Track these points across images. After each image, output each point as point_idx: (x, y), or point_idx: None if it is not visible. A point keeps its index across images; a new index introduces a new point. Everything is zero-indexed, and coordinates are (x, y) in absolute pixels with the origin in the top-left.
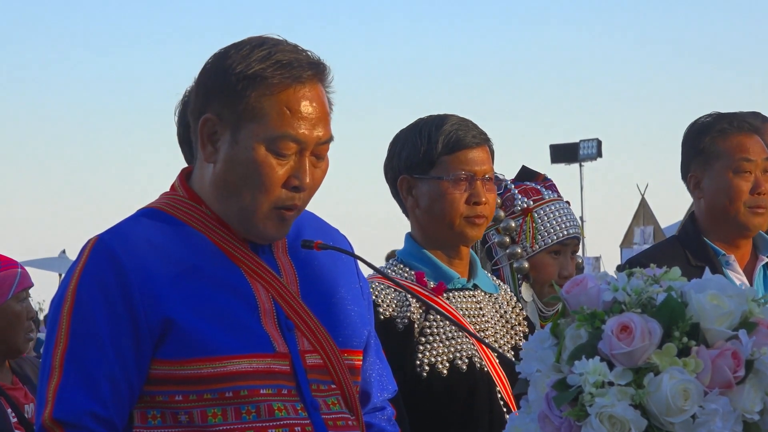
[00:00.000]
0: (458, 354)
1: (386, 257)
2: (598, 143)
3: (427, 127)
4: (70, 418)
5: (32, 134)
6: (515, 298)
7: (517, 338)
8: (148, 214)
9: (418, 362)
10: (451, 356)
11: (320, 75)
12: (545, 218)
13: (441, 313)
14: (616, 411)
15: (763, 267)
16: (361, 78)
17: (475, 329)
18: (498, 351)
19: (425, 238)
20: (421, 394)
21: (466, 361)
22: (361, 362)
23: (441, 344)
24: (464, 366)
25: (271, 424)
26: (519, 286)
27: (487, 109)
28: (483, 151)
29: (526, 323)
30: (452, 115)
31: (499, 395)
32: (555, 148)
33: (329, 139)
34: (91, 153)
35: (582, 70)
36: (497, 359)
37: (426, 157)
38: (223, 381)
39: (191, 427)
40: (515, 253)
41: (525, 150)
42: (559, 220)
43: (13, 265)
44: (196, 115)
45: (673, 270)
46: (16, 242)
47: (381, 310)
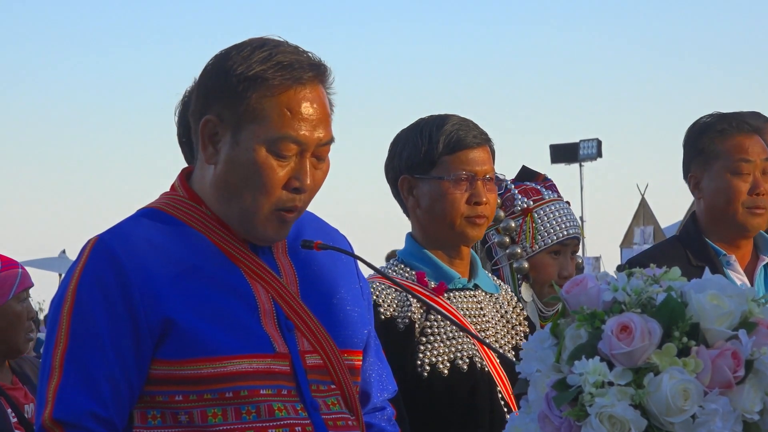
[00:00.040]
0: (459, 354)
1: (386, 257)
2: (598, 143)
3: (428, 127)
4: (70, 418)
5: (32, 134)
6: (516, 298)
7: (518, 338)
8: (148, 214)
9: (419, 362)
10: (451, 356)
11: (321, 76)
12: (545, 218)
13: (442, 314)
14: (616, 411)
15: (764, 267)
16: (361, 78)
17: (476, 329)
18: (498, 351)
19: (426, 238)
20: (421, 394)
21: (467, 361)
22: (360, 362)
23: (442, 344)
24: (465, 366)
25: (271, 424)
26: (519, 286)
27: (487, 109)
28: (484, 151)
29: (526, 323)
30: (453, 115)
31: (499, 395)
32: (555, 148)
33: (330, 141)
34: (91, 153)
35: (582, 70)
36: (498, 359)
37: (427, 157)
38: (223, 381)
39: (191, 427)
40: (515, 253)
41: (525, 150)
42: (559, 220)
43: (13, 266)
44: (197, 117)
45: (673, 270)
46: (16, 242)
47: (382, 310)
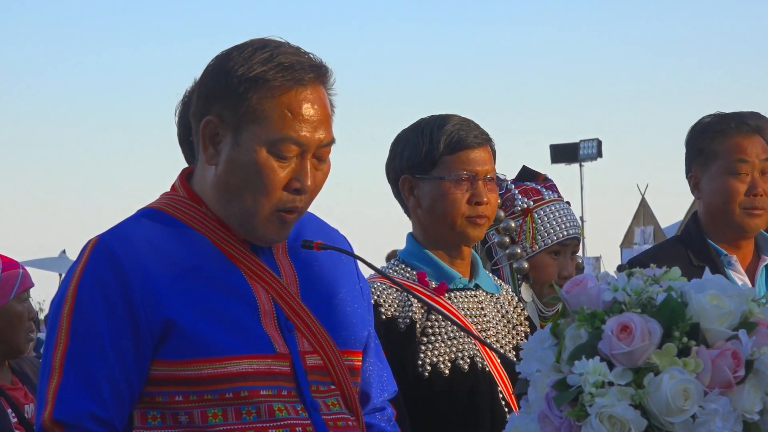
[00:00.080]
0: (460, 354)
1: (387, 257)
2: (598, 143)
3: (428, 127)
4: (69, 418)
5: (32, 134)
6: (517, 298)
7: (519, 338)
8: (148, 214)
9: (420, 362)
10: (452, 356)
11: (322, 77)
12: (545, 218)
13: (443, 314)
14: (616, 411)
15: (765, 267)
16: (362, 79)
17: (477, 329)
18: (499, 351)
19: (427, 238)
20: (422, 394)
21: (468, 361)
22: (360, 363)
23: (443, 344)
24: (466, 366)
25: (271, 424)
26: (519, 286)
27: (488, 109)
28: (485, 151)
29: (527, 323)
30: (454, 115)
31: (500, 395)
32: (555, 148)
33: (331, 142)
34: (91, 153)
35: (582, 70)
36: (498, 359)
37: (428, 157)
38: (224, 382)
39: (191, 428)
40: (515, 254)
41: (525, 150)
42: (559, 220)
43: (14, 266)
44: (198, 117)
45: (673, 270)
46: (16, 242)
47: (383, 310)
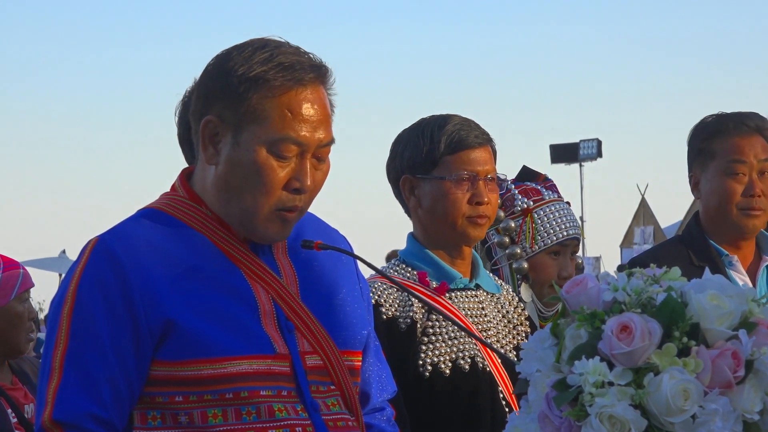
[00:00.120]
0: (461, 354)
1: (387, 257)
2: (598, 143)
3: (429, 127)
4: (69, 419)
5: (32, 134)
6: (517, 298)
7: (519, 338)
8: (148, 214)
9: (421, 362)
10: (453, 356)
11: (322, 77)
12: (545, 219)
13: (443, 314)
14: (616, 411)
15: (766, 267)
16: (362, 79)
17: (478, 329)
18: (499, 351)
19: (427, 238)
20: (423, 394)
21: (469, 360)
22: (360, 363)
23: (443, 344)
24: (467, 366)
25: (271, 425)
26: (518, 286)
27: (488, 109)
28: (485, 151)
29: (528, 323)
30: (455, 115)
31: (501, 395)
32: (555, 148)
33: (330, 142)
34: (91, 153)
35: (582, 70)
36: (499, 359)
37: (428, 157)
38: (224, 382)
39: (191, 428)
40: (515, 254)
41: (525, 150)
42: (558, 220)
43: (15, 266)
44: (198, 117)
45: (673, 270)
46: (16, 242)
47: (384, 310)
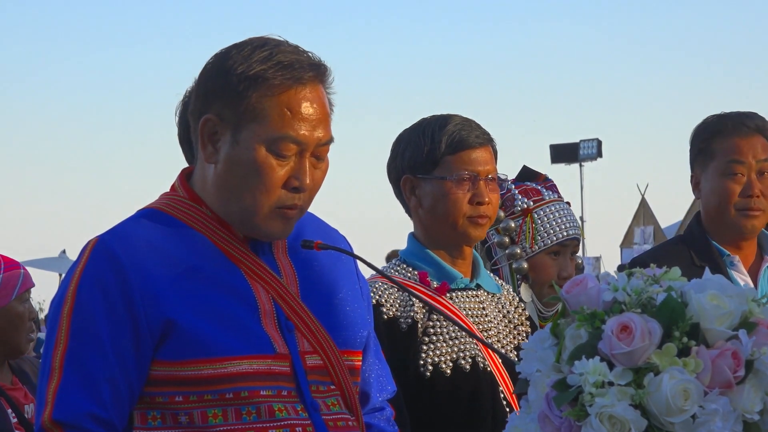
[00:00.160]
0: (462, 354)
1: (387, 257)
2: (598, 143)
3: (430, 127)
4: (69, 419)
5: (32, 134)
6: (518, 298)
7: (520, 338)
8: (148, 214)
9: (422, 362)
10: (454, 356)
11: (321, 76)
12: (545, 219)
13: (444, 315)
14: (616, 411)
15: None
16: (363, 78)
17: (478, 329)
18: (500, 352)
19: (428, 238)
20: (424, 394)
21: (470, 360)
22: (360, 363)
23: (444, 344)
24: (467, 366)
25: (271, 424)
26: (518, 286)
27: (488, 109)
28: (486, 151)
29: (528, 323)
30: (455, 115)
31: (502, 395)
32: (555, 148)
33: (329, 141)
34: (91, 153)
35: (582, 70)
36: (500, 359)
37: (429, 157)
38: (224, 382)
39: (191, 428)
40: (514, 254)
41: (525, 150)
42: (558, 221)
43: (15, 266)
44: (197, 116)
45: (673, 270)
46: (16, 242)
47: (384, 310)
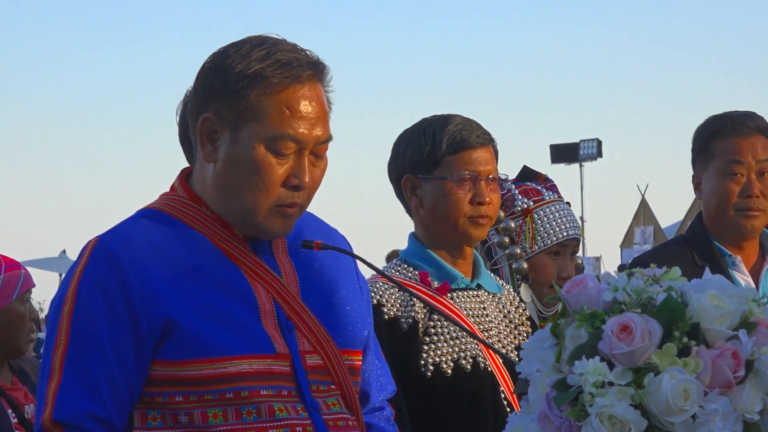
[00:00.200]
0: (462, 354)
1: (387, 257)
2: (598, 143)
3: (431, 127)
4: (69, 419)
5: (32, 134)
6: (518, 298)
7: (521, 338)
8: (148, 215)
9: (423, 362)
10: (455, 356)
11: (319, 74)
12: (545, 219)
13: (444, 316)
14: (616, 411)
15: None
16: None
17: (479, 329)
18: (500, 352)
19: (429, 238)
20: (425, 394)
21: (471, 360)
22: (360, 363)
23: (445, 344)
24: (468, 366)
25: (271, 424)
26: (518, 286)
27: (488, 109)
28: (487, 151)
29: (529, 323)
30: (456, 115)
31: (502, 395)
32: (555, 148)
33: (328, 139)
34: (92, 153)
35: (582, 69)
36: (501, 359)
37: (430, 157)
38: (224, 382)
39: (191, 428)
40: (514, 254)
41: (525, 150)
42: (559, 221)
43: (16, 267)
44: (195, 115)
45: (673, 270)
46: (16, 242)
47: (385, 310)
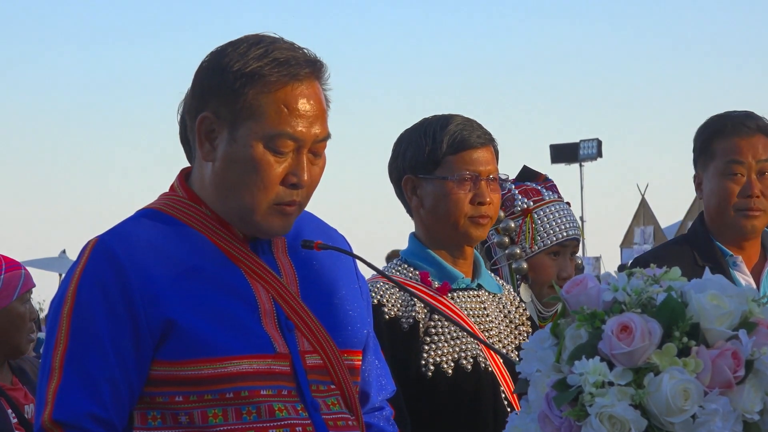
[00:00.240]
0: (463, 354)
1: (387, 257)
2: (598, 143)
3: (431, 127)
4: (69, 419)
5: (32, 134)
6: (519, 298)
7: (521, 338)
8: (147, 214)
9: (423, 362)
10: (455, 356)
11: (317, 72)
12: (545, 219)
13: (444, 316)
14: (616, 411)
15: None
16: (364, 78)
17: (480, 329)
18: (501, 352)
19: (429, 238)
20: (426, 394)
21: (471, 361)
22: (360, 362)
23: (446, 344)
24: (469, 366)
25: (271, 424)
26: (518, 286)
27: (488, 109)
28: (487, 151)
29: (529, 323)
30: (457, 115)
31: (503, 395)
32: (555, 148)
33: (327, 137)
34: (91, 153)
35: (582, 69)
36: (501, 359)
37: (431, 157)
38: (224, 382)
39: (191, 428)
40: (514, 254)
41: (525, 150)
42: (558, 221)
43: (16, 267)
44: (193, 114)
45: (673, 270)
46: (16, 242)
47: (386, 310)
